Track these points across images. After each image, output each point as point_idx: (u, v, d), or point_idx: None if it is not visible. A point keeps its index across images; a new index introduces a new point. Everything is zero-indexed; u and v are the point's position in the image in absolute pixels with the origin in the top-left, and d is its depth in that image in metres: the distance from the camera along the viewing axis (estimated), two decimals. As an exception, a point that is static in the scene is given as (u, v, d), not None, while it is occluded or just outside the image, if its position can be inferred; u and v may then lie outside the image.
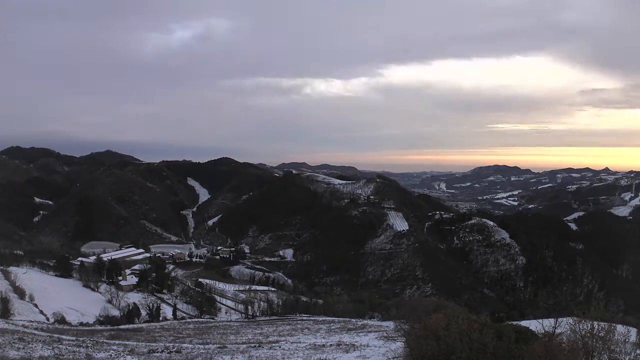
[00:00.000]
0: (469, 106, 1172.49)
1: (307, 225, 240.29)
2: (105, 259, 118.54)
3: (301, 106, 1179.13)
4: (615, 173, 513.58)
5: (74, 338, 39.56)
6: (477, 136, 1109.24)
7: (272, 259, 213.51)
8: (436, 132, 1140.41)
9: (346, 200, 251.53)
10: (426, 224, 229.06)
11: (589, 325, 18.12)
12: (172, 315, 76.52)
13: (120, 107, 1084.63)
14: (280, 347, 38.31)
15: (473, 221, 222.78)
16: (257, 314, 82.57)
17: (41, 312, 63.76)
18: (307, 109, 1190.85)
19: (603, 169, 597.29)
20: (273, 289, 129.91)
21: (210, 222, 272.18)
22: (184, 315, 79.92)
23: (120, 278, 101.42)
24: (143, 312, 71.38)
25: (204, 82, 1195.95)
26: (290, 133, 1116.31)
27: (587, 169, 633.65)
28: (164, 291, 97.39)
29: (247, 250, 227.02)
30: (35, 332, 42.45)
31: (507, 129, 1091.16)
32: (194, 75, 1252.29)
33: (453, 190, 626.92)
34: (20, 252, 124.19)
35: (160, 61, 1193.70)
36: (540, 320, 20.82)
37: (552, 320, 19.48)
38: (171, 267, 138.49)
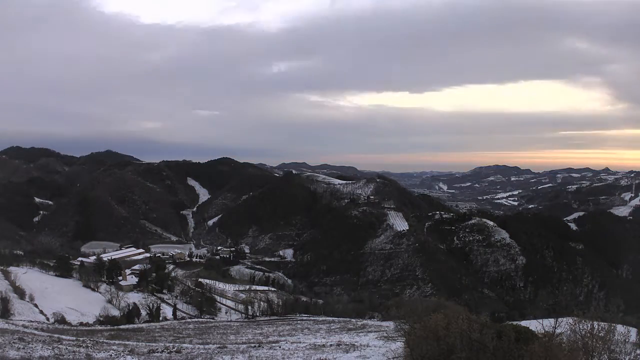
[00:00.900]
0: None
1: (307, 225, 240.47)
2: (105, 259, 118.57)
3: (378, 115, 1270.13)
4: (615, 173, 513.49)
5: (74, 338, 39.57)
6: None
7: (272, 259, 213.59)
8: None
9: (346, 200, 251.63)
10: (426, 224, 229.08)
11: (589, 325, 18.10)
12: (172, 315, 76.55)
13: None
14: (280, 347, 38.31)
15: (473, 221, 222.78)
16: (257, 314, 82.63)
17: (41, 312, 63.75)
18: (382, 118, 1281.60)
19: (603, 169, 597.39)
20: (273, 289, 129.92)
21: (210, 222, 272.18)
22: (184, 315, 79.93)
23: (120, 278, 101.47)
24: (143, 312, 71.39)
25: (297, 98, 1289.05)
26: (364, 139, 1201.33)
27: (587, 169, 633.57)
28: (164, 291, 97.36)
29: (247, 250, 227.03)
30: (35, 332, 42.45)
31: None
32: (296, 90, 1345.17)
33: (453, 190, 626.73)
34: (20, 252, 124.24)
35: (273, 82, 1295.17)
36: (540, 320, 20.81)
37: (552, 320, 19.46)
38: (171, 267, 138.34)
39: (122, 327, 57.57)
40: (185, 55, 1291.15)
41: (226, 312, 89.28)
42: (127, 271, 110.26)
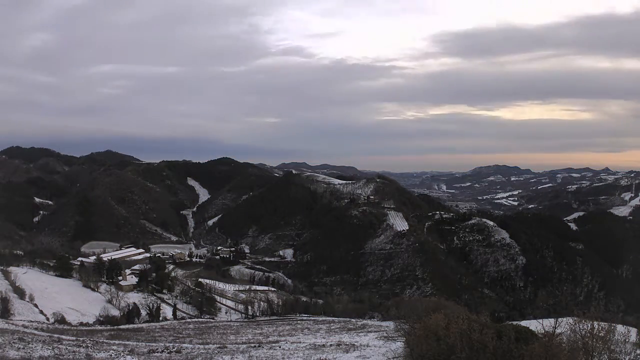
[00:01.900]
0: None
1: (307, 225, 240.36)
2: (105, 259, 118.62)
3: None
4: (615, 173, 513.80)
5: (74, 338, 39.56)
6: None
7: (272, 259, 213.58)
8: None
9: (346, 200, 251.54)
10: (426, 224, 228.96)
11: (589, 325, 18.10)
12: (172, 315, 76.57)
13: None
14: (280, 347, 38.31)
15: (473, 221, 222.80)
16: (257, 314, 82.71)
17: (41, 312, 63.70)
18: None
19: (603, 169, 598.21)
20: (273, 289, 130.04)
21: (210, 222, 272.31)
22: (184, 315, 79.97)
23: (120, 278, 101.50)
24: (143, 312, 71.39)
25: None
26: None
27: (587, 169, 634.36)
28: (164, 291, 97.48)
29: (247, 250, 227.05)
30: (35, 332, 42.43)
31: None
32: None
33: (453, 190, 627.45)
34: (20, 252, 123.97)
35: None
36: (540, 320, 20.79)
37: (552, 320, 19.45)
38: (171, 267, 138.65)
39: (122, 327, 57.57)
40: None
41: (226, 312, 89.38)
42: (127, 271, 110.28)
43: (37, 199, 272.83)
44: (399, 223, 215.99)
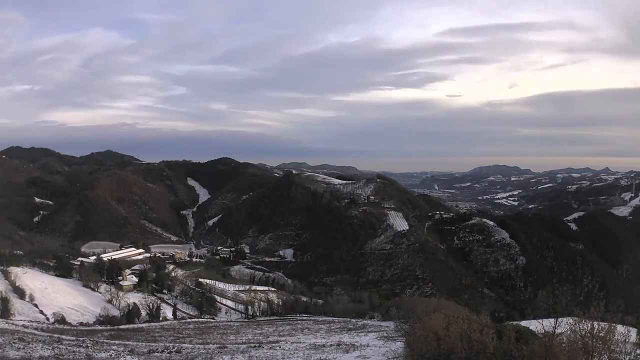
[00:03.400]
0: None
1: (307, 225, 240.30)
2: (105, 259, 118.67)
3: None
4: (615, 173, 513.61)
5: (74, 338, 39.57)
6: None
7: (272, 259, 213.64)
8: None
9: (346, 200, 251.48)
10: (426, 224, 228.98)
11: (589, 325, 18.10)
12: (172, 315, 76.52)
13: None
14: (280, 347, 38.31)
15: (473, 221, 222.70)
16: (257, 314, 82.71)
17: (41, 312, 63.64)
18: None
19: (603, 169, 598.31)
20: (273, 289, 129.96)
21: (210, 222, 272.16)
22: (184, 315, 79.93)
23: (120, 278, 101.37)
24: (143, 312, 71.37)
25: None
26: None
27: (587, 169, 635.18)
28: (164, 291, 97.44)
29: (247, 250, 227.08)
30: (35, 332, 42.45)
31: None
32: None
33: (453, 190, 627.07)
34: (20, 252, 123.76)
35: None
36: (540, 320, 20.79)
37: (552, 320, 19.45)
38: (171, 267, 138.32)
39: (122, 327, 57.61)
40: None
41: (226, 312, 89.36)
42: (127, 271, 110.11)
43: (37, 199, 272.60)
44: (399, 223, 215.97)
